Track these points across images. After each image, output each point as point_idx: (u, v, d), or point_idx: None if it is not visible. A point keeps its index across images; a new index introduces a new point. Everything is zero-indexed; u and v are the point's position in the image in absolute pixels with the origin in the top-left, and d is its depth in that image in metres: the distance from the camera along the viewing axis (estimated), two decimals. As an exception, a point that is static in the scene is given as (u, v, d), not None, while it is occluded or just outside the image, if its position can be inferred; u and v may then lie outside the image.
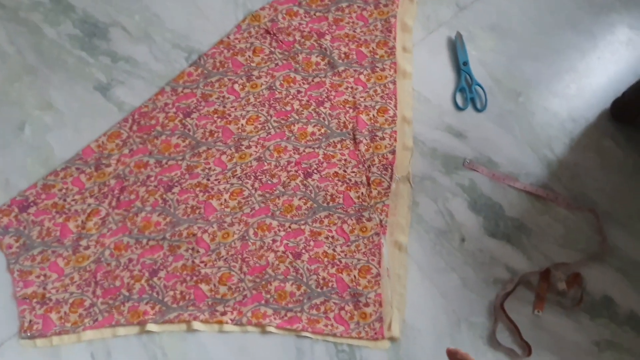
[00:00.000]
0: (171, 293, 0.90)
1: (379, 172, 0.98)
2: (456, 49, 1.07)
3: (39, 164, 0.96)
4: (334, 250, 0.93)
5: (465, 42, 1.07)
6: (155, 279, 0.91)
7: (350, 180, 0.97)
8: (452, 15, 1.11)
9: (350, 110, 1.02)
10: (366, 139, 1.00)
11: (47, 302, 0.89)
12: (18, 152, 0.97)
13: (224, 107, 1.01)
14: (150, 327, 0.88)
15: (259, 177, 0.97)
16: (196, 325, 0.88)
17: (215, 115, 1.01)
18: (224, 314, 0.89)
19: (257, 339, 0.89)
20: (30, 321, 0.87)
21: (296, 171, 0.98)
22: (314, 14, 1.09)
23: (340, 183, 0.97)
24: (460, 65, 1.06)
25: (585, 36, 1.10)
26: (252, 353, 0.88)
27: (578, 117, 1.04)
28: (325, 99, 1.03)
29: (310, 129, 1.01)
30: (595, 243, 0.95)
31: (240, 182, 0.97)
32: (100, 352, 0.87)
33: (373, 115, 1.02)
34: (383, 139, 1.00)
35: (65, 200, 0.94)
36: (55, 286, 0.90)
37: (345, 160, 0.99)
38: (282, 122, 1.01)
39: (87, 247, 0.92)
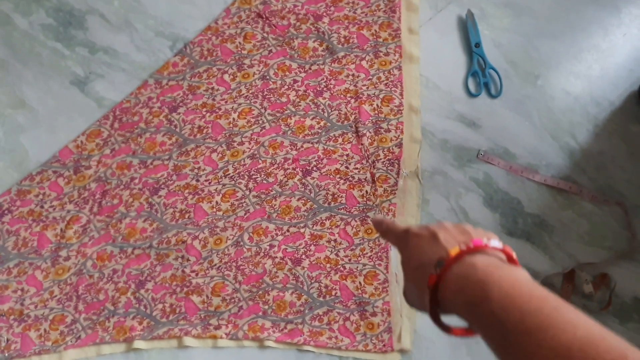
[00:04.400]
0: (160, 306, 0.83)
1: (385, 168, 0.89)
2: (467, 29, 0.97)
3: (12, 168, 0.88)
4: (336, 255, 0.86)
5: (477, 21, 0.97)
6: (142, 291, 0.84)
7: (353, 177, 0.89)
8: (461, -9, 1.01)
9: (352, 101, 0.93)
10: (370, 132, 0.91)
11: (25, 319, 0.82)
12: (-11, 155, 0.89)
13: (213, 99, 0.93)
14: (138, 344, 0.81)
15: (254, 177, 0.89)
16: (188, 341, 0.81)
17: (204, 109, 0.92)
18: (218, 327, 0.82)
19: (254, 355, 0.82)
20: (7, 340, 0.81)
21: (294, 169, 0.90)
22: (310, -6, 1.00)
23: (342, 181, 0.89)
24: (472, 47, 0.96)
25: (609, 11, 1.01)
26: (249, 370, 0.81)
27: (602, 101, 0.96)
28: (324, 89, 0.94)
29: (308, 122, 0.92)
30: (624, 240, 0.88)
31: (232, 182, 0.89)
32: (84, 373, 0.80)
33: (377, 105, 0.93)
34: (388, 131, 0.91)
35: (42, 207, 0.87)
36: (34, 301, 0.83)
37: (347, 155, 0.90)
38: (278, 115, 0.92)
39: (67, 258, 0.85)
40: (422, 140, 0.92)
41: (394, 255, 0.86)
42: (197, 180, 0.89)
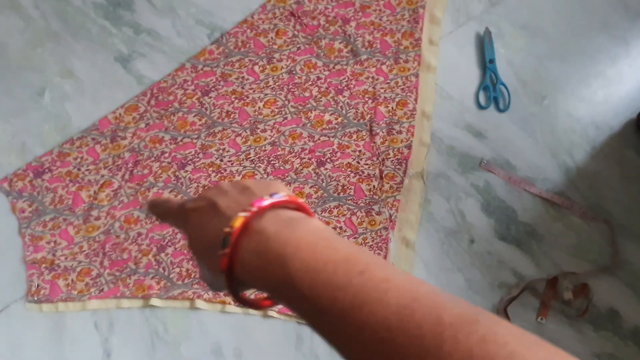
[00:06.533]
0: (177, 270, 0.91)
1: (393, 166, 0.97)
2: (484, 45, 1.04)
3: (56, 131, 0.97)
4: (341, 241, 0.93)
5: (494, 39, 1.04)
6: (162, 254, 0.92)
7: (363, 172, 0.97)
8: (483, 9, 1.08)
9: (369, 101, 1.00)
10: (383, 132, 0.99)
11: (55, 268, 0.90)
12: (36, 117, 0.97)
13: (243, 88, 1.01)
14: (154, 301, 0.89)
15: (272, 162, 0.97)
16: (199, 303, 0.89)
17: (233, 96, 1.00)
18: (227, 294, 0.90)
19: (258, 322, 0.90)
20: (37, 286, 0.89)
21: (309, 159, 0.97)
22: (341, -1, 1.07)
23: (352, 174, 0.96)
24: (486, 63, 1.03)
25: (618, 42, 1.07)
26: (252, 335, 0.89)
27: (602, 125, 1.02)
28: (345, 88, 1.01)
29: (327, 117, 1.00)
30: (607, 255, 0.94)
31: (253, 165, 0.97)
32: (103, 322, 0.89)
33: (392, 108, 1.00)
34: (400, 132, 0.99)
35: (79, 169, 0.95)
36: (65, 253, 0.91)
37: (359, 151, 0.98)
38: (300, 108, 1.00)
39: (97, 218, 0.93)
40: (431, 145, 0.99)
41: (393, 247, 0.93)
42: (221, 160, 0.97)
